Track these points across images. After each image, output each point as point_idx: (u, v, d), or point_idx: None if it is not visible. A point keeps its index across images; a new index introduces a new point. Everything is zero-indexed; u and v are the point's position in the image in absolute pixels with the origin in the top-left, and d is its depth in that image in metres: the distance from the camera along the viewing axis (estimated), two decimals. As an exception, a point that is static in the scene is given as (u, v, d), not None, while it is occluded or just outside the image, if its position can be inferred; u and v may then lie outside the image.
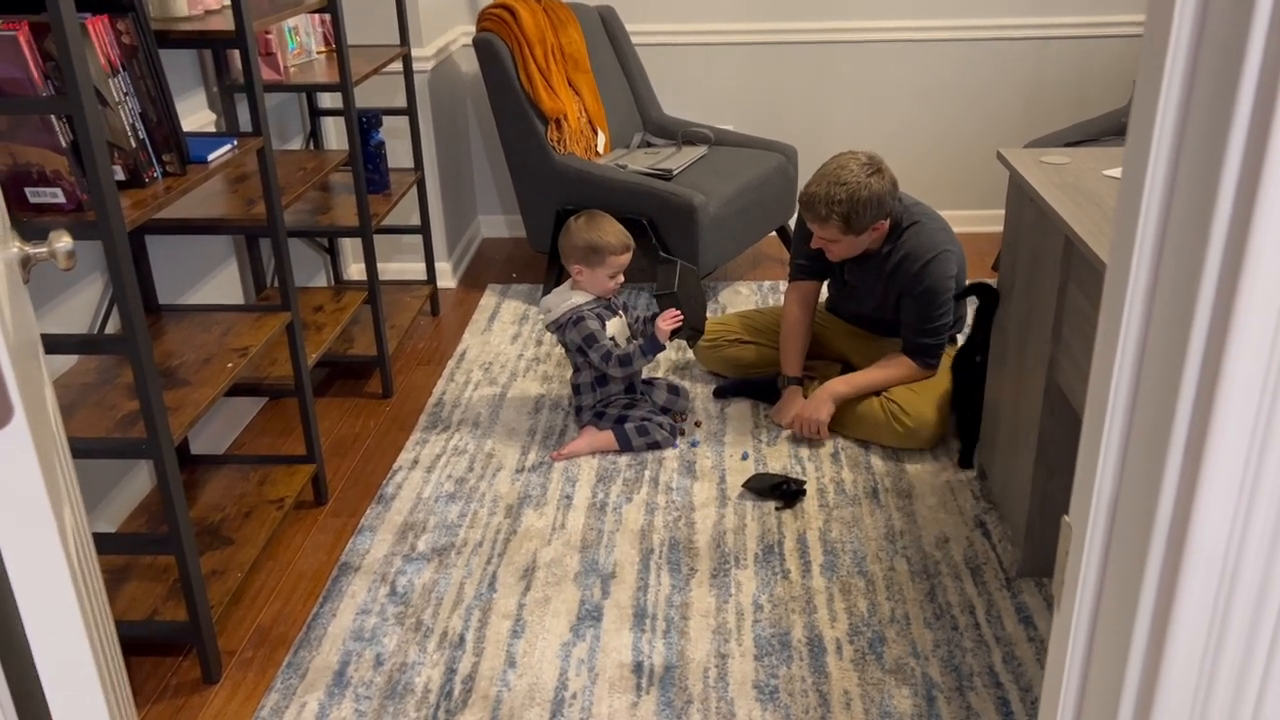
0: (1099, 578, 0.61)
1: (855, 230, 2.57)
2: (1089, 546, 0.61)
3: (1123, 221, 0.69)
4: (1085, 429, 0.66)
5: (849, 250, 2.66)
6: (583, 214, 2.71)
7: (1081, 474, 0.64)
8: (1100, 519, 0.61)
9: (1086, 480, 0.63)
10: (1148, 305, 0.67)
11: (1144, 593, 0.57)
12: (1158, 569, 0.56)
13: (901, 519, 2.42)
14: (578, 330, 2.66)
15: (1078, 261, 1.86)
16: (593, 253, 2.64)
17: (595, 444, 2.68)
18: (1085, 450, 0.64)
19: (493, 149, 4.20)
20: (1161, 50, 0.63)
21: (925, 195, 4.23)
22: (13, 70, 1.56)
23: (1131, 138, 0.69)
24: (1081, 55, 4.01)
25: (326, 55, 3.14)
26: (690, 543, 2.34)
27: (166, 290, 2.51)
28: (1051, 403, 2.03)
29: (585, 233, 2.65)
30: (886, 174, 2.59)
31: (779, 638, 2.05)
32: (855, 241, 2.62)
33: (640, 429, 2.67)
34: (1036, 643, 2.02)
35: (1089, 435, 0.65)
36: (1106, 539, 0.61)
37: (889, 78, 4.07)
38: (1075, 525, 0.63)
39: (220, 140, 2.07)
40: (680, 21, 4.02)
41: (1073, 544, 0.63)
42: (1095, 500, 0.61)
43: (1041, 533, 2.16)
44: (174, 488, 1.81)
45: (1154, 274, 0.68)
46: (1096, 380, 0.69)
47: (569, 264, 2.69)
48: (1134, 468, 0.62)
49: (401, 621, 2.11)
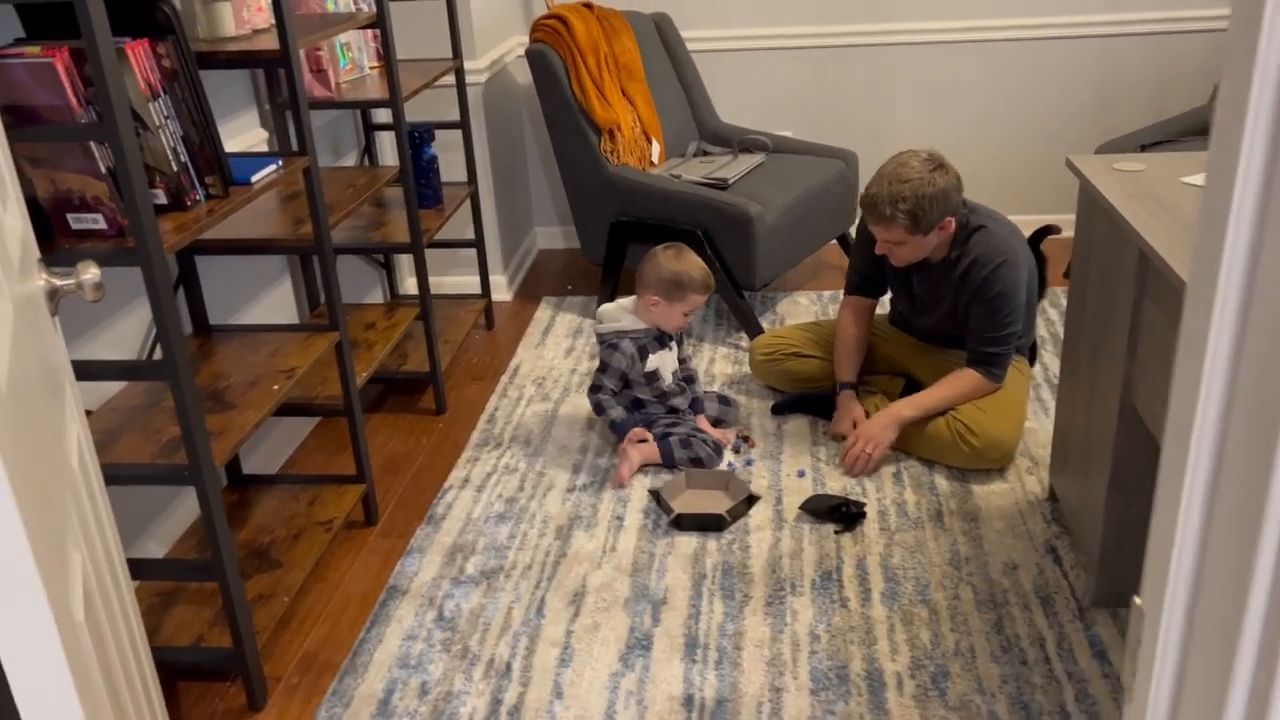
0: (1177, 675, 0.53)
1: (923, 229, 2.46)
2: (1165, 638, 0.53)
3: (1205, 245, 0.60)
4: (1160, 495, 0.57)
5: (915, 253, 2.55)
6: (671, 246, 2.66)
7: (1155, 550, 0.55)
8: (1178, 606, 0.52)
9: (1161, 559, 0.54)
10: (1236, 345, 0.59)
11: (1233, 698, 0.49)
12: (1249, 671, 0.48)
13: (967, 544, 2.31)
14: (605, 353, 2.65)
15: (1154, 277, 1.75)
16: (676, 287, 2.59)
17: (646, 455, 2.62)
18: (1160, 522, 0.56)
19: (548, 160, 4.17)
20: (1253, 42, 0.54)
21: (993, 201, 4.08)
22: (51, 97, 1.55)
23: (1216, 144, 0.60)
24: (1159, 51, 3.83)
25: (379, 70, 3.13)
26: (744, 568, 2.26)
27: (219, 310, 2.51)
28: (1127, 425, 1.91)
29: (673, 265, 2.59)
30: (950, 170, 2.49)
31: (836, 671, 1.96)
32: (922, 243, 2.51)
33: (684, 442, 2.60)
34: (1112, 679, 1.90)
35: (1164, 504, 0.57)
36: (1186, 630, 0.52)
37: (953, 80, 3.94)
38: (1149, 611, 0.55)
39: (265, 160, 2.05)
40: (736, 27, 3.94)
41: (1145, 633, 0.55)
42: (1172, 583, 0.52)
43: (1117, 561, 2.04)
44: (216, 515, 1.79)
45: (1243, 309, 0.59)
46: (1173, 438, 0.60)
47: (645, 293, 2.63)
48: (1220, 545, 0.54)
49: (448, 648, 2.07)
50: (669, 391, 2.69)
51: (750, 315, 3.28)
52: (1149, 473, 1.94)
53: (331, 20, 2.45)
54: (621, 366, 2.62)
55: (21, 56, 1.53)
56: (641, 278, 2.65)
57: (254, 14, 2.32)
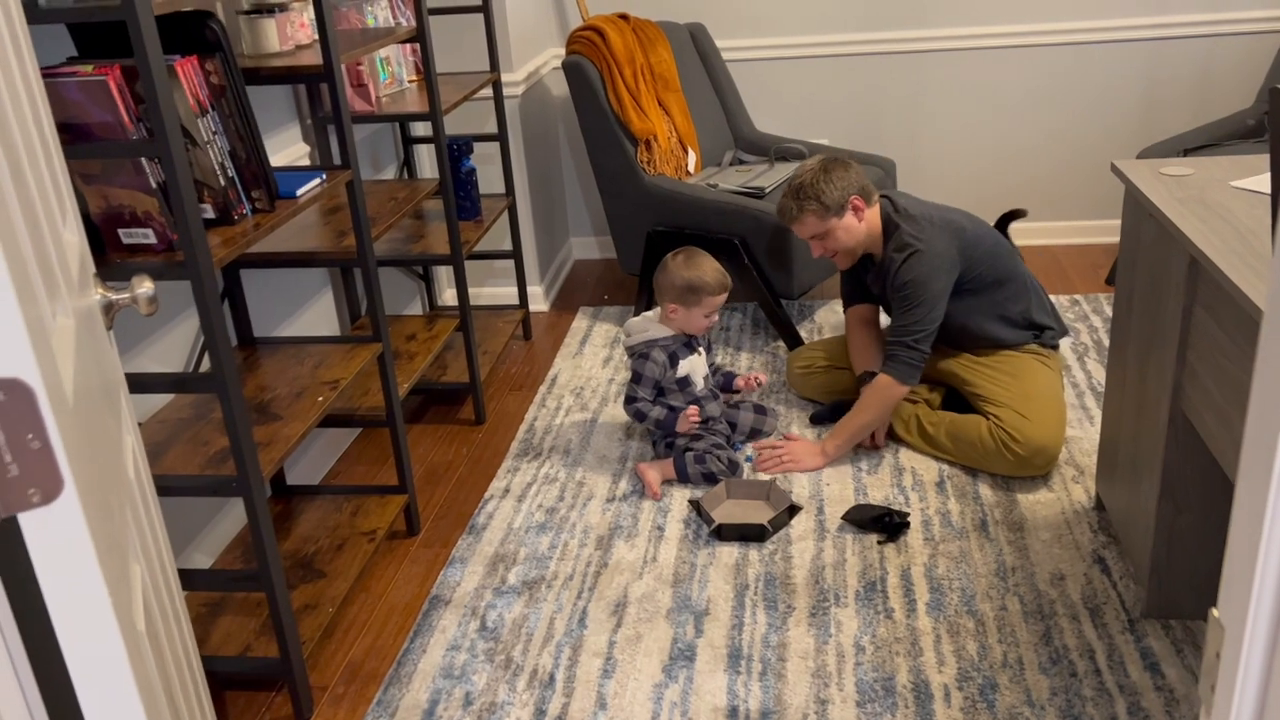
0: (1261, 689, 0.52)
1: (833, 209, 2.56)
2: (1247, 653, 0.52)
3: None
4: (1240, 501, 0.56)
5: (847, 240, 2.61)
6: (681, 251, 2.66)
7: (1234, 560, 0.54)
8: (1263, 617, 0.51)
9: (1243, 569, 0.53)
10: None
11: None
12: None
13: (1013, 554, 2.28)
14: (638, 364, 2.65)
15: (1205, 283, 1.72)
16: (690, 292, 2.59)
17: (663, 471, 2.63)
18: (1240, 529, 0.54)
19: (584, 171, 4.19)
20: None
21: (1034, 206, 4.06)
22: (104, 114, 1.58)
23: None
24: (1202, 55, 3.78)
25: (418, 84, 3.15)
26: (787, 578, 2.25)
27: (262, 322, 2.54)
28: (1177, 433, 1.88)
29: (684, 271, 2.59)
30: (845, 162, 2.61)
31: (882, 682, 1.94)
32: (845, 227, 2.59)
33: (698, 458, 2.60)
34: (1165, 692, 1.87)
35: (1245, 510, 0.56)
36: (1271, 641, 0.51)
37: (991, 85, 3.91)
38: (1229, 626, 0.54)
39: (309, 174, 2.07)
40: (771, 36, 3.94)
41: (1226, 649, 0.54)
42: (1256, 596, 0.51)
43: (1168, 572, 2.00)
44: (263, 525, 1.81)
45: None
46: (1253, 440, 0.59)
47: (663, 302, 2.65)
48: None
49: (491, 658, 2.07)
50: (701, 397, 2.68)
51: (788, 324, 3.26)
52: (1200, 481, 1.91)
53: (372, 35, 2.47)
54: (655, 375, 2.63)
55: (75, 75, 1.56)
56: (657, 287, 2.66)
57: (297, 30, 2.35)
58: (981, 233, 2.61)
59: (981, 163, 4.02)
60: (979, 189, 4.06)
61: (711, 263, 2.62)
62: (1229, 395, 1.63)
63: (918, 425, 2.69)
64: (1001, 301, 2.61)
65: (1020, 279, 2.63)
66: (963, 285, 2.58)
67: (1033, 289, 2.67)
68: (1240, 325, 1.58)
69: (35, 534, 0.70)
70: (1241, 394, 1.58)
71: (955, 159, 4.03)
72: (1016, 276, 2.62)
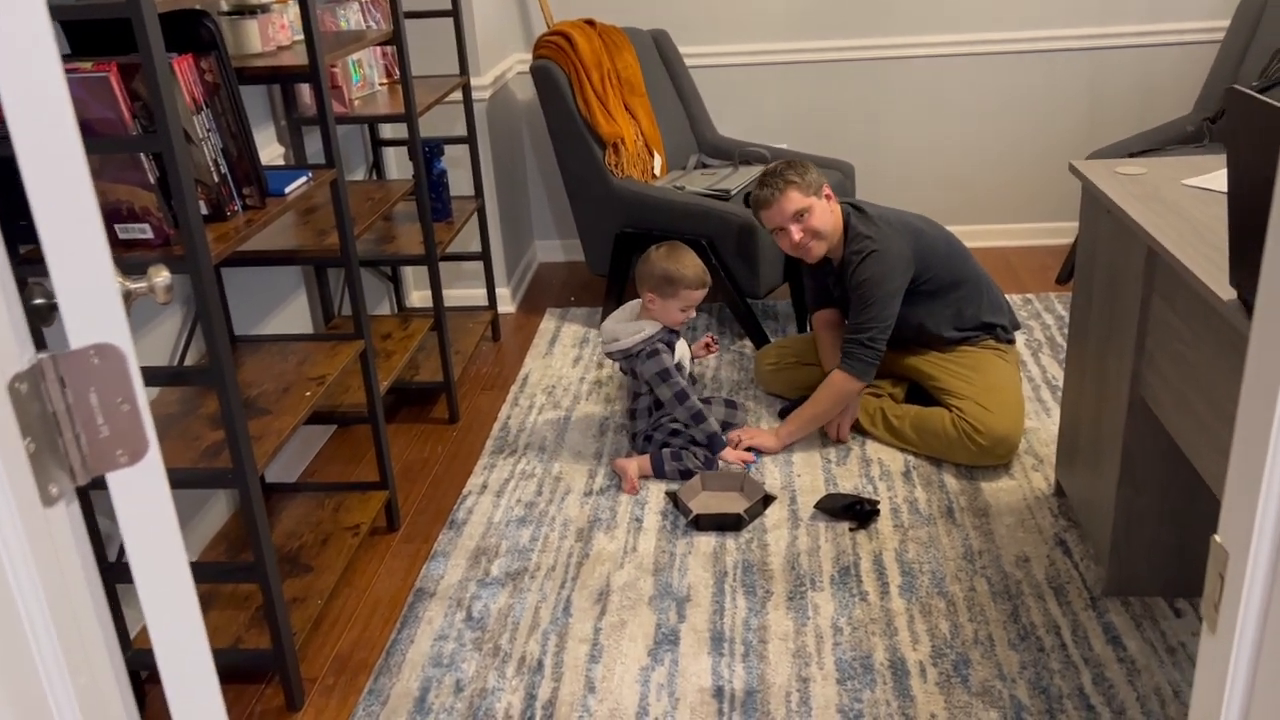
0: (1263, 606, 0.59)
1: (812, 188, 2.65)
2: (1251, 573, 0.59)
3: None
4: (1239, 437, 0.63)
5: (825, 223, 2.67)
6: (664, 244, 2.72)
7: (1234, 489, 0.62)
8: (1265, 542, 0.58)
9: (1245, 498, 0.60)
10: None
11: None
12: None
13: (979, 538, 2.38)
14: (653, 363, 2.66)
15: (1162, 274, 1.83)
16: (668, 283, 2.64)
17: (640, 467, 2.69)
18: (1239, 463, 0.62)
19: (548, 174, 4.23)
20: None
21: (986, 209, 4.19)
22: (105, 110, 1.60)
23: None
24: (1142, 64, 3.95)
25: (389, 87, 3.19)
26: (764, 565, 2.32)
27: (241, 321, 2.55)
28: (1136, 418, 1.99)
29: (664, 262, 2.65)
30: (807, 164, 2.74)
31: (861, 661, 2.02)
32: (825, 209, 2.67)
33: (675, 455, 2.66)
34: (1126, 663, 1.97)
35: (1245, 443, 0.63)
36: (1273, 562, 0.58)
37: (946, 92, 4.04)
38: (1233, 551, 0.61)
39: (295, 173, 2.10)
40: (732, 42, 4.03)
41: (1230, 571, 0.61)
42: (1260, 521, 0.58)
43: (1127, 551, 2.11)
44: (259, 516, 1.84)
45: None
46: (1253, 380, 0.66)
47: (642, 290, 2.69)
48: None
49: (479, 647, 2.11)
50: (686, 385, 2.72)
51: (754, 322, 3.34)
52: (1158, 463, 2.01)
53: (347, 38, 2.50)
54: (671, 364, 2.67)
55: (76, 72, 1.58)
56: (639, 276, 2.72)
57: (278, 31, 2.38)
58: (937, 235, 2.72)
59: (936, 167, 4.15)
60: (933, 193, 4.18)
61: (693, 258, 2.68)
62: (1186, 379, 1.73)
63: (883, 419, 2.78)
64: (956, 302, 2.72)
65: (975, 280, 2.74)
66: (920, 286, 2.68)
67: (986, 288, 2.78)
68: (1196, 312, 1.68)
69: (122, 493, 0.74)
70: (1198, 378, 1.69)
71: (911, 163, 4.15)
72: (971, 278, 2.74)
